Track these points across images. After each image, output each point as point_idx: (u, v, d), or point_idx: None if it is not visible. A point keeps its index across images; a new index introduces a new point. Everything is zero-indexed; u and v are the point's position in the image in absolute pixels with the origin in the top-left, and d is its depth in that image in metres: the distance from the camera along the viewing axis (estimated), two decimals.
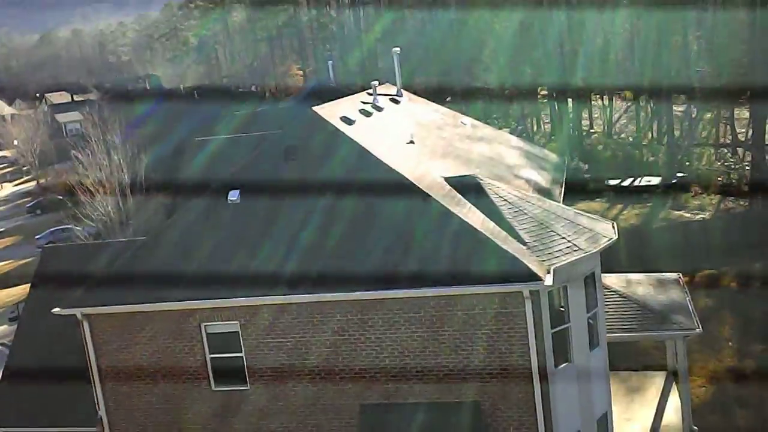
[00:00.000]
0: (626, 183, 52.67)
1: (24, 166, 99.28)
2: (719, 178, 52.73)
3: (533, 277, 17.08)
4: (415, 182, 19.39)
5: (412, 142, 22.93)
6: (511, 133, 74.33)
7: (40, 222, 73.00)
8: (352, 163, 20.11)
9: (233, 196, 20.51)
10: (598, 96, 76.95)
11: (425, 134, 24.89)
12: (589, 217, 20.95)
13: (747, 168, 53.01)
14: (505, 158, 26.34)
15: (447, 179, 20.71)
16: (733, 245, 38.82)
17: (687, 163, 56.81)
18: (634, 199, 50.54)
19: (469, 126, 29.15)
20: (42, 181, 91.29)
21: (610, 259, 19.37)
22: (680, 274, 26.52)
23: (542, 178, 26.20)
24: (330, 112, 22.07)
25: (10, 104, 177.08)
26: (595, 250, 18.90)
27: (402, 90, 28.81)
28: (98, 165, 46.63)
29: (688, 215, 46.85)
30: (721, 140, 63.47)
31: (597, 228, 19.94)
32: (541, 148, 31.99)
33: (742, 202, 48.22)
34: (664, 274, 26.61)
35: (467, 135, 27.42)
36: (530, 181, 24.95)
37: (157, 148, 51.15)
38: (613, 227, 20.60)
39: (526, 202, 20.23)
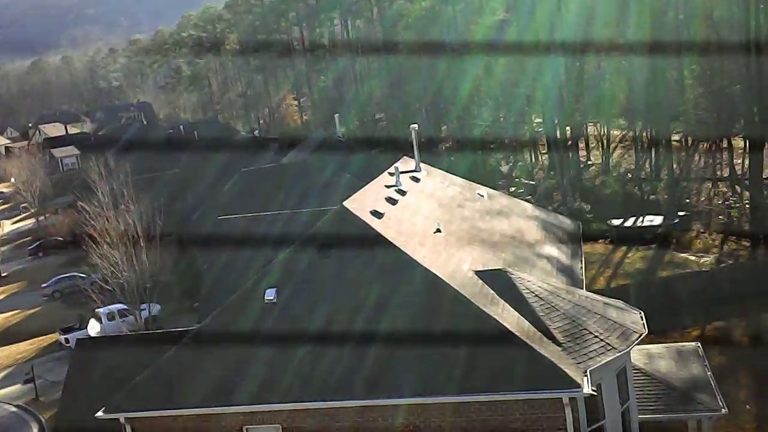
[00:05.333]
0: (629, 223, 52.98)
1: (22, 203, 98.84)
2: (720, 217, 53.39)
3: (572, 384, 17.56)
4: (450, 282, 19.88)
5: (438, 230, 23.42)
6: (510, 168, 75.21)
7: (43, 265, 72.47)
8: (387, 264, 20.56)
9: (270, 295, 20.95)
10: (593, 124, 77.88)
11: (448, 217, 25.39)
12: (617, 307, 21.47)
13: (747, 205, 53.63)
14: (525, 235, 26.90)
15: (478, 273, 21.22)
16: (740, 294, 39.21)
17: (687, 201, 57.45)
18: (638, 239, 50.96)
19: (486, 198, 29.70)
20: (41, 218, 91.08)
21: None
22: (699, 344, 27.03)
23: (562, 253, 26.82)
24: (360, 205, 22.58)
25: (1, 133, 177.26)
26: (627, 349, 19.44)
27: (420, 164, 29.39)
28: (105, 217, 46.39)
29: (692, 258, 47.35)
30: (718, 174, 64.07)
31: (627, 322, 20.46)
32: (555, 214, 32.56)
33: (745, 243, 48.80)
34: (684, 344, 27.13)
35: (486, 211, 27.95)
36: (552, 260, 25.55)
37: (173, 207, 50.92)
38: (642, 318, 21.15)
39: (556, 296, 20.73)
